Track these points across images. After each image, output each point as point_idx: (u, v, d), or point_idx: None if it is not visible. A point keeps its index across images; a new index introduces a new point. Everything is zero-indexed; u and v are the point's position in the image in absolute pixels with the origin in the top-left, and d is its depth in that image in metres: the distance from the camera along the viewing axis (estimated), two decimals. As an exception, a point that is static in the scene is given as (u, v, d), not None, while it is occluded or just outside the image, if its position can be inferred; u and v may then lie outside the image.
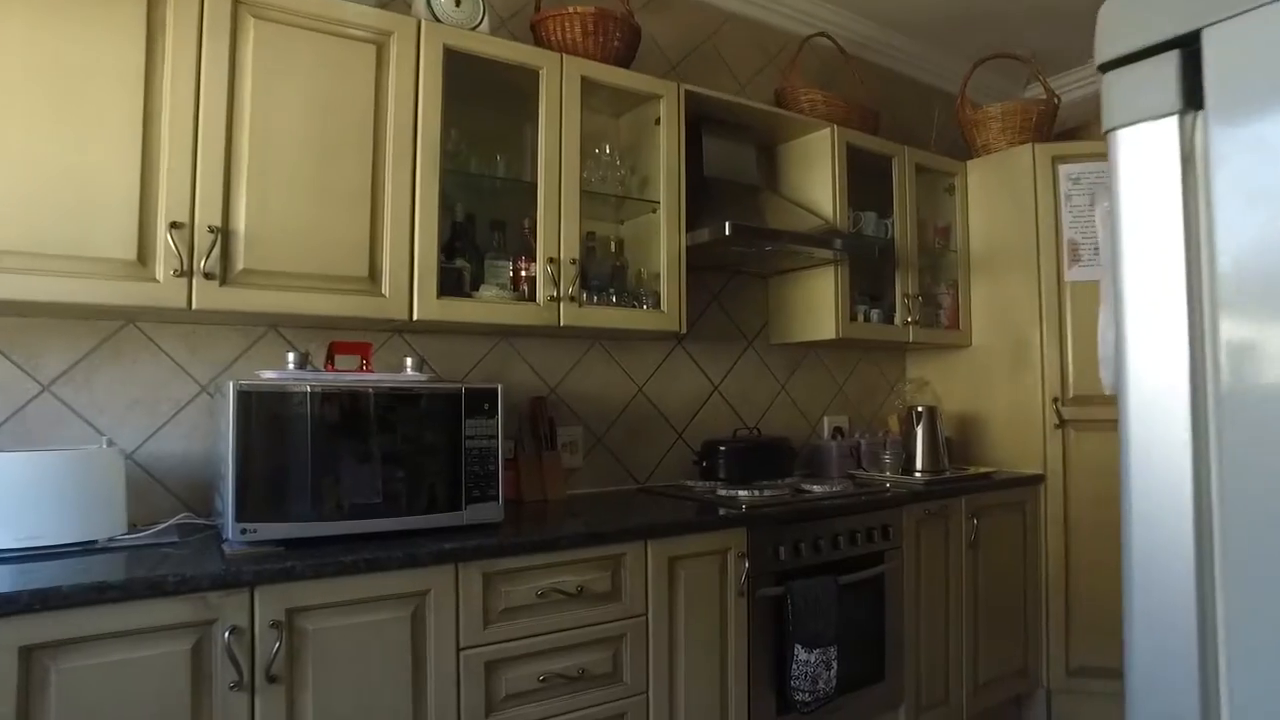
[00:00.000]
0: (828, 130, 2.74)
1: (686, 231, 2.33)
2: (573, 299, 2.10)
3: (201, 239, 1.62)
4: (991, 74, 3.61)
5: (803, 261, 2.69)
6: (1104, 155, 2.87)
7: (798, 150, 2.85)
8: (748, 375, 2.91)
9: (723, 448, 2.57)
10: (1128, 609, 0.88)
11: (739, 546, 2.03)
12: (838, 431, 3.12)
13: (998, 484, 2.74)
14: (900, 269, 2.92)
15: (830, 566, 2.20)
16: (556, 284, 2.08)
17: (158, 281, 1.58)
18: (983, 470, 2.87)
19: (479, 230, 2.18)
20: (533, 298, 2.08)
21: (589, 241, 2.32)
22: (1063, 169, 2.91)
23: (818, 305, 2.77)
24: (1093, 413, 2.86)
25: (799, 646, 2.05)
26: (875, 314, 2.90)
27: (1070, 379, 2.88)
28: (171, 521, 1.72)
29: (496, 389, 1.80)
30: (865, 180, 2.85)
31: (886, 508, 2.39)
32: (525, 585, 1.68)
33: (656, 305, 2.30)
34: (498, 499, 1.79)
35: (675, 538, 1.91)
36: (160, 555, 1.47)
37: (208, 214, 1.63)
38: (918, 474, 2.80)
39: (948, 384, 3.24)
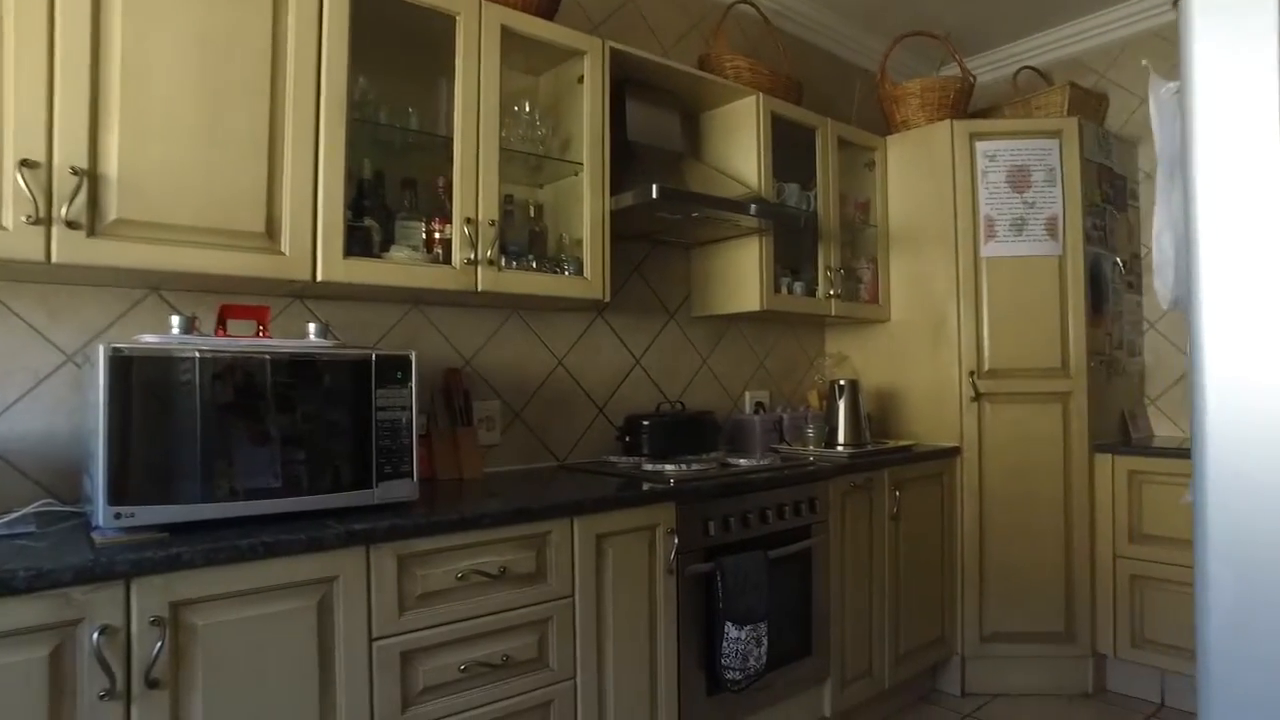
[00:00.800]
0: (753, 98, 2.67)
1: (610, 196, 2.22)
2: (491, 263, 1.97)
3: (62, 181, 1.40)
4: (906, 54, 3.64)
5: (728, 231, 2.63)
6: (1020, 133, 2.88)
7: (722, 118, 2.77)
8: (670, 349, 2.83)
9: (646, 422, 2.49)
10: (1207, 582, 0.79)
11: (668, 522, 1.95)
12: (759, 406, 3.09)
13: (918, 456, 2.77)
14: (823, 242, 2.90)
15: (759, 541, 2.16)
16: (474, 246, 1.93)
17: (5, 229, 1.36)
18: (902, 443, 2.89)
19: (389, 189, 2.01)
20: (448, 260, 1.93)
21: (507, 205, 2.18)
22: (980, 146, 2.94)
23: (742, 277, 2.71)
24: (1007, 385, 2.92)
25: (730, 624, 1.99)
26: (799, 287, 2.87)
27: (986, 353, 2.93)
28: (29, 509, 1.50)
29: (410, 356, 1.65)
30: (787, 153, 2.81)
31: (813, 481, 2.36)
32: (444, 568, 1.55)
33: (579, 272, 2.18)
34: (412, 475, 1.64)
35: (603, 514, 1.82)
36: (13, 548, 1.27)
37: (69, 153, 1.41)
38: (840, 447, 2.80)
39: (866, 359, 3.26)
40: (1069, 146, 2.92)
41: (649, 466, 2.23)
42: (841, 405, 2.87)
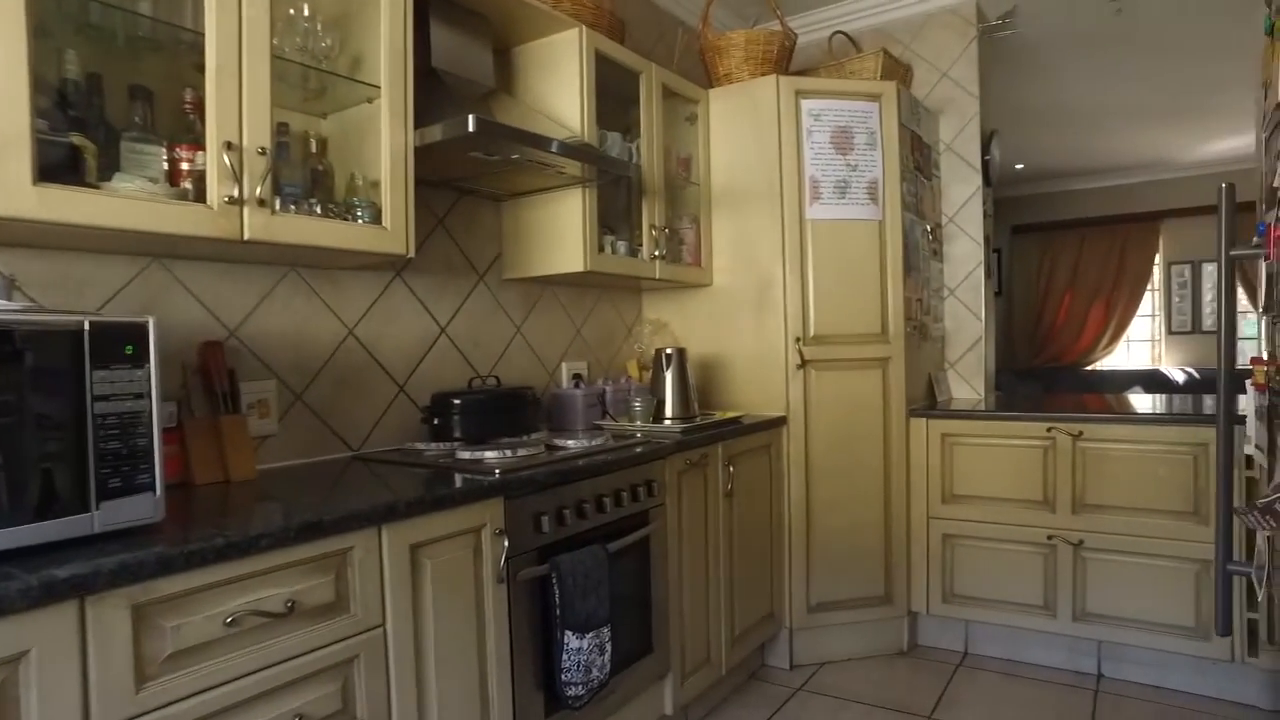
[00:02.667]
0: (575, 31, 2.36)
1: (414, 129, 1.83)
2: (263, 203, 1.52)
3: None
4: (720, 9, 3.48)
5: (548, 181, 2.31)
6: (845, 94, 2.80)
7: (540, 53, 2.43)
8: (480, 315, 2.48)
9: (458, 401, 2.14)
10: None
11: (496, 522, 1.64)
12: (578, 378, 2.82)
13: (748, 428, 2.64)
14: (647, 198, 2.66)
15: (597, 534, 1.90)
16: (238, 180, 1.48)
17: None
18: (730, 415, 2.75)
19: (111, 98, 1.49)
20: (202, 198, 1.46)
21: (281, 136, 1.71)
22: (805, 104, 2.84)
23: (562, 233, 2.41)
24: (831, 352, 2.87)
25: (569, 633, 1.72)
26: (621, 246, 2.62)
27: (812, 318, 2.86)
28: None
29: (145, 323, 1.20)
30: (605, 100, 2.52)
31: (650, 461, 2.14)
32: (206, 612, 1.14)
33: (376, 220, 1.78)
34: (153, 487, 1.20)
35: (419, 519, 1.47)
36: None
37: None
38: (668, 421, 2.60)
39: (687, 325, 3.09)
40: (888, 110, 2.90)
41: (465, 454, 1.89)
42: (669, 376, 2.67)
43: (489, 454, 1.86)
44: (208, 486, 1.63)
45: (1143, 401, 3.12)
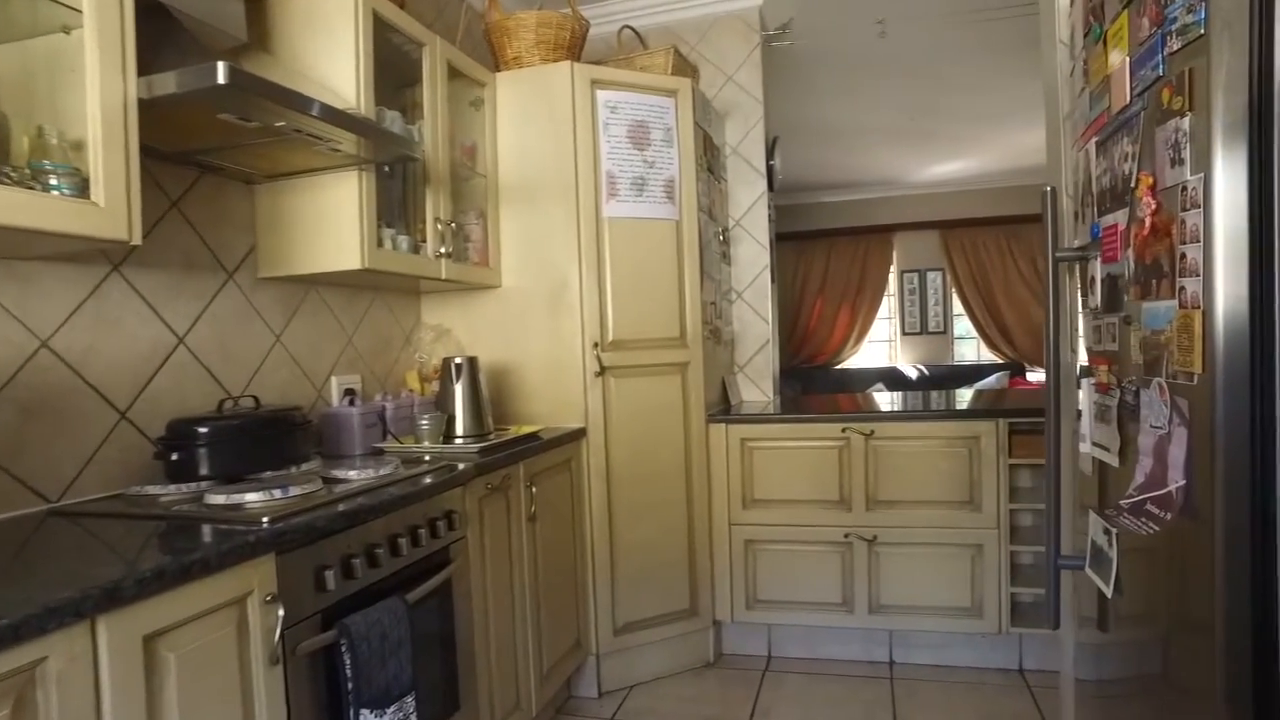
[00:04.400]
0: (347, -15, 2.00)
1: (138, 77, 1.39)
2: (-113, 160, 1.04)
3: None
4: (504, -12, 3.23)
5: (318, 160, 1.93)
6: (641, 87, 2.65)
7: (305, 7, 2.03)
8: (230, 322, 2.03)
9: (204, 429, 1.70)
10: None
11: (266, 586, 1.27)
12: (351, 394, 2.43)
13: (550, 443, 2.41)
14: (431, 188, 2.35)
15: (393, 583, 1.58)
16: None
17: None
18: (528, 429, 2.51)
19: None
20: None
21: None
22: (601, 95, 2.67)
23: (334, 224, 2.04)
24: (630, 358, 2.73)
25: (366, 713, 1.39)
26: (404, 242, 2.28)
27: (610, 322, 2.70)
28: None
29: None
30: (380, 75, 2.17)
31: (449, 489, 1.85)
32: None
33: (82, 193, 1.33)
34: None
35: (154, 599, 1.08)
36: None
37: None
38: (460, 440, 2.31)
39: (474, 331, 2.80)
40: (684, 107, 2.81)
41: (219, 498, 1.48)
42: (459, 389, 2.37)
43: (251, 496, 1.47)
44: None
45: (886, 398, 3.32)
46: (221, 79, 1.32)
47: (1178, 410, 1.01)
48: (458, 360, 2.38)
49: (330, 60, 2.00)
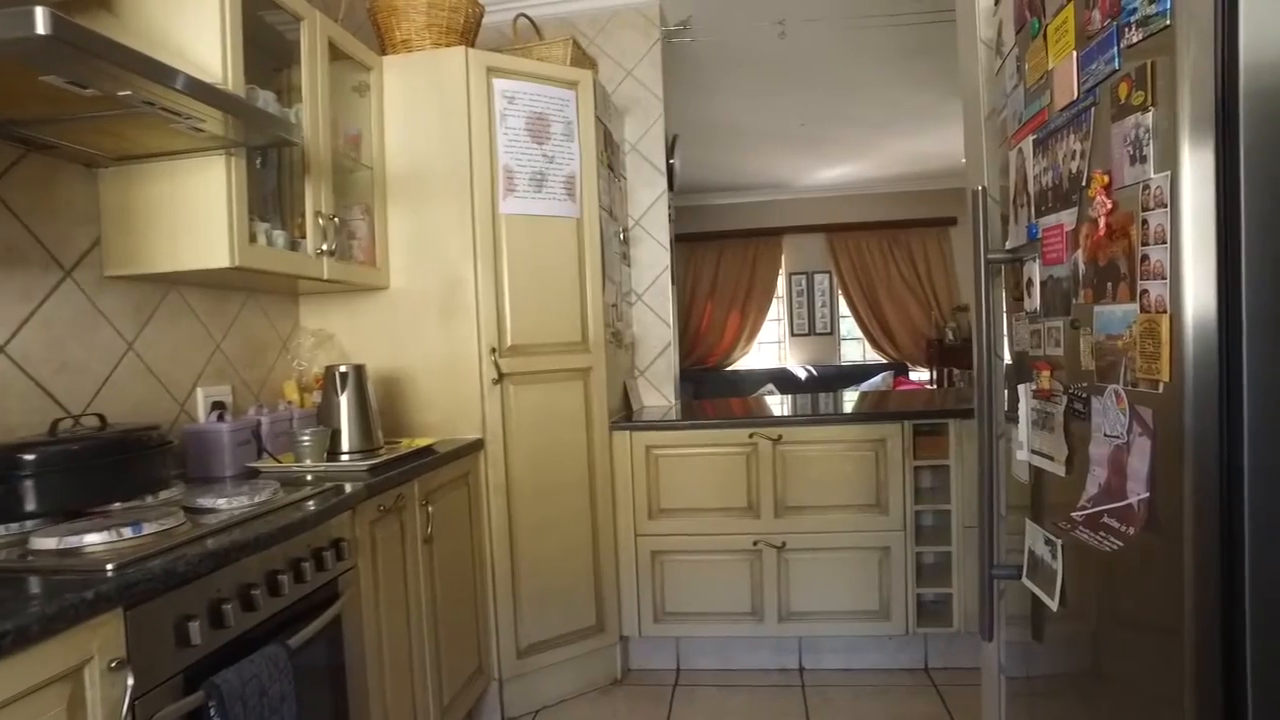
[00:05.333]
0: (208, -56, 1.75)
1: (-63, 31, 1.13)
2: None
3: None
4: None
5: (177, 141, 1.67)
6: (541, 78, 2.52)
7: (153, -33, 1.77)
8: (67, 327, 1.74)
9: (31, 457, 1.43)
10: None
11: (111, 649, 1.06)
12: (219, 408, 2.17)
13: (446, 457, 2.23)
14: (313, 179, 2.12)
15: (272, 627, 1.37)
16: None
17: None
18: (421, 443, 2.31)
19: None
20: None
21: None
22: (498, 85, 2.50)
23: (199, 216, 1.79)
24: (530, 364, 2.57)
25: (241, 788, 1.19)
26: (280, 238, 2.04)
27: (508, 326, 2.53)
28: None
29: None
30: (250, 54, 1.93)
31: (337, 514, 1.65)
32: None
33: None
34: None
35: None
36: None
37: None
38: (347, 457, 2.09)
39: (359, 336, 2.57)
40: (585, 101, 2.68)
41: (48, 542, 1.24)
42: (345, 400, 2.16)
43: (93, 538, 1.24)
44: None
45: (784, 401, 3.32)
46: (41, 28, 1.08)
47: (1139, 419, 0.97)
48: (343, 369, 2.16)
49: (190, 29, 1.75)
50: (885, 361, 7.76)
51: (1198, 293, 0.89)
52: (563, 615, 2.63)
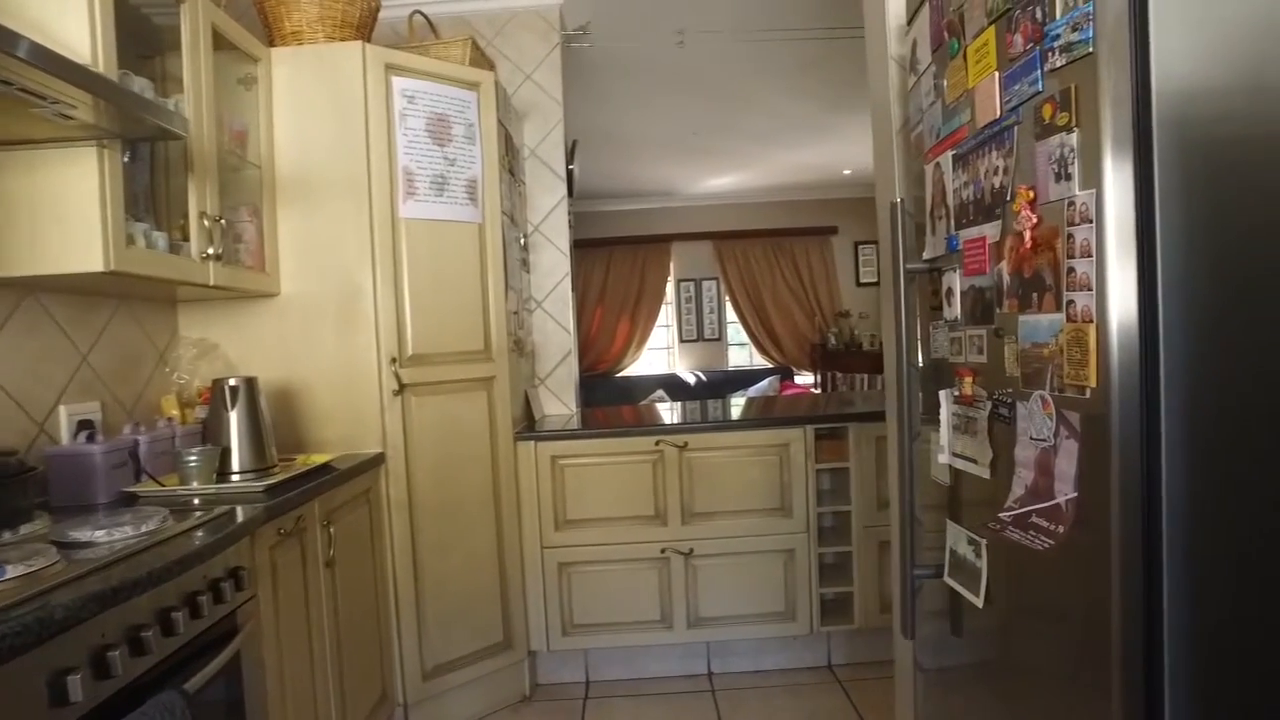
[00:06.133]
0: (75, -85, 1.59)
1: None
2: None
3: None
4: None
5: (37, 130, 1.50)
6: (442, 77, 2.45)
7: (8, -64, 1.59)
8: (-94, 341, 1.53)
9: None
10: None
11: (-19, 711, 0.92)
12: (87, 428, 1.96)
13: (347, 474, 2.11)
14: (196, 177, 1.96)
15: (165, 671, 1.25)
16: None
17: None
18: (319, 459, 2.17)
19: None
20: None
21: None
22: (397, 83, 2.40)
23: (64, 214, 1.61)
24: (432, 374, 2.48)
25: None
26: (160, 240, 1.88)
27: (409, 335, 2.43)
28: None
29: None
30: (123, 38, 1.76)
31: (235, 541, 1.52)
32: None
33: None
34: None
35: None
36: None
37: None
38: (238, 478, 1.94)
39: (246, 346, 2.40)
40: (486, 103, 2.61)
41: (-101, 585, 1.07)
42: (235, 416, 2.00)
43: (-51, 580, 1.08)
44: None
45: (663, 407, 3.36)
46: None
47: (1065, 423, 1.02)
48: (232, 382, 2.01)
49: (53, 4, 1.58)
50: (771, 366, 7.99)
51: (1122, 302, 0.94)
52: (469, 633, 2.54)
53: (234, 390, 2.00)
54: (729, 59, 4.01)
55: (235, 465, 1.97)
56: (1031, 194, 1.06)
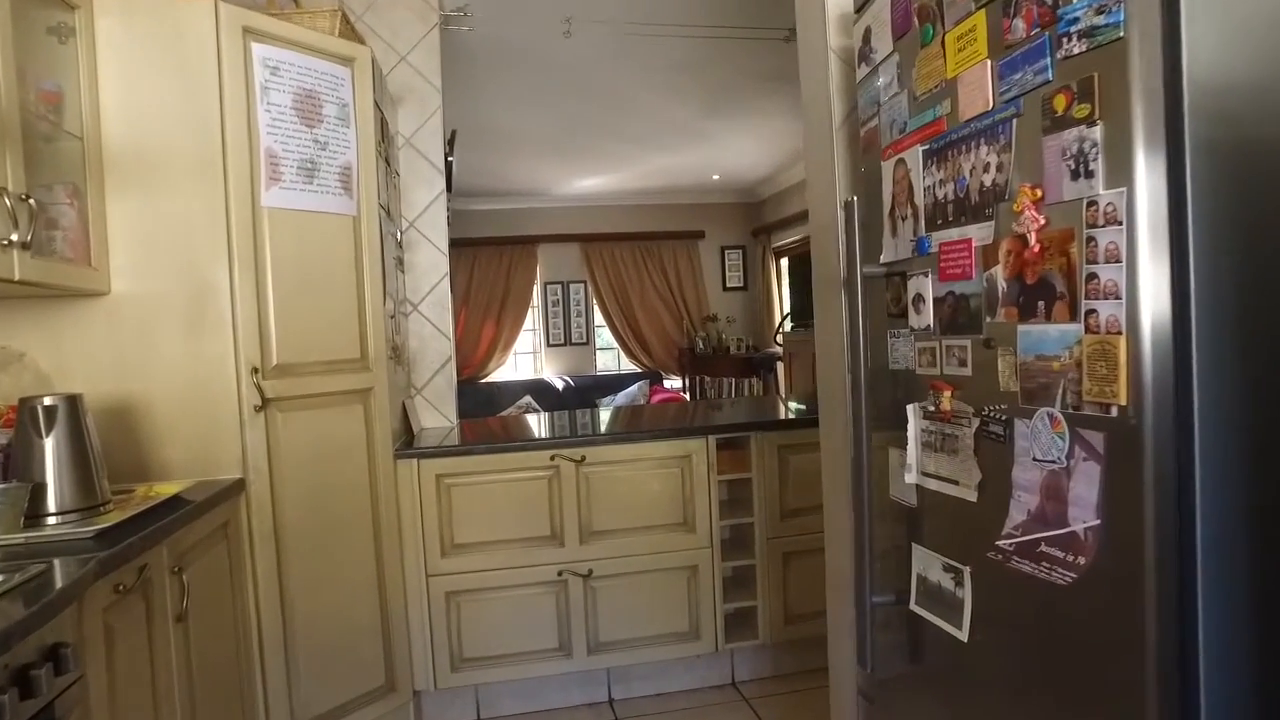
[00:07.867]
0: None
1: None
2: None
3: None
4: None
5: None
6: (312, 49, 2.15)
7: None
8: None
9: None
10: None
11: None
12: None
13: (202, 507, 1.77)
14: (-2, 147, 1.58)
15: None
16: None
17: None
18: (165, 490, 1.82)
19: None
20: None
21: None
22: (258, 50, 2.07)
23: None
24: (302, 385, 2.17)
25: None
26: (-50, 226, 1.49)
27: (273, 341, 2.11)
28: None
29: None
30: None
31: (54, 612, 1.19)
32: None
33: None
34: None
35: None
36: None
37: None
38: (57, 521, 1.58)
39: (64, 356, 1.99)
40: (361, 81, 2.32)
41: None
42: (50, 445, 1.63)
43: None
44: None
45: (531, 418, 3.19)
46: None
47: (1083, 444, 0.93)
48: (47, 401, 1.63)
49: None
50: (640, 370, 7.92)
51: (1156, 312, 0.86)
52: (347, 678, 2.24)
53: (49, 412, 1.63)
54: (612, 55, 3.87)
55: (52, 505, 1.60)
56: (1038, 193, 0.97)
